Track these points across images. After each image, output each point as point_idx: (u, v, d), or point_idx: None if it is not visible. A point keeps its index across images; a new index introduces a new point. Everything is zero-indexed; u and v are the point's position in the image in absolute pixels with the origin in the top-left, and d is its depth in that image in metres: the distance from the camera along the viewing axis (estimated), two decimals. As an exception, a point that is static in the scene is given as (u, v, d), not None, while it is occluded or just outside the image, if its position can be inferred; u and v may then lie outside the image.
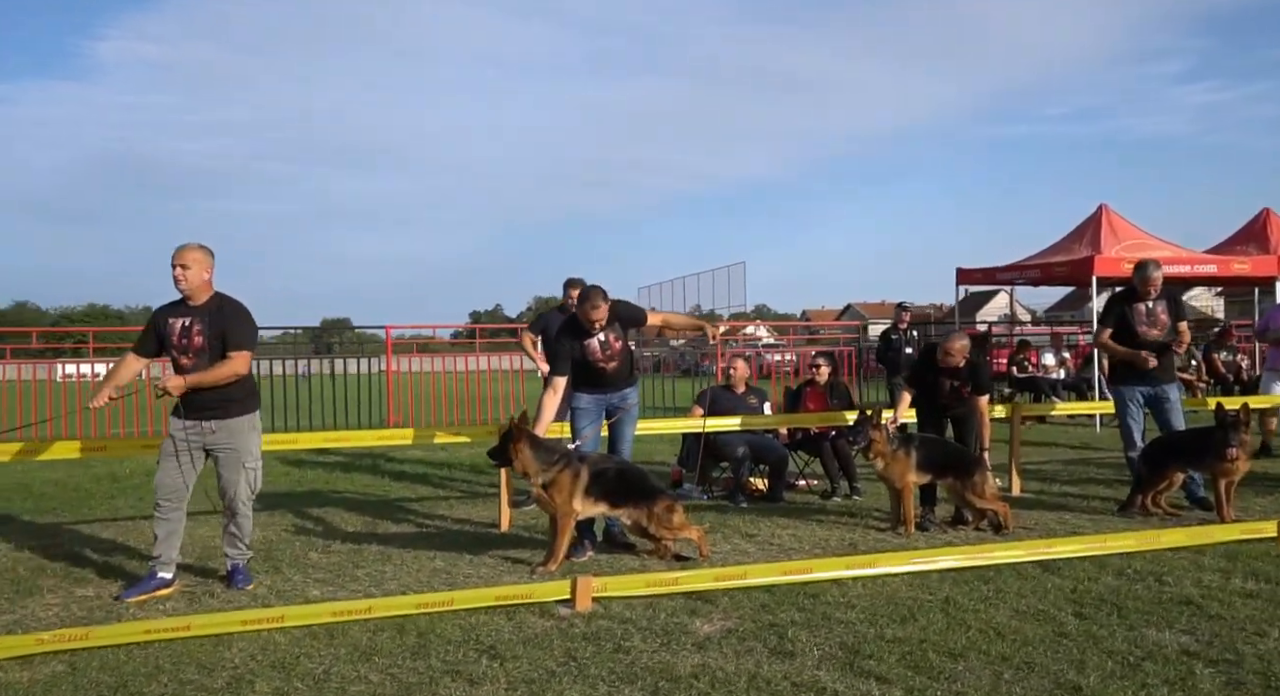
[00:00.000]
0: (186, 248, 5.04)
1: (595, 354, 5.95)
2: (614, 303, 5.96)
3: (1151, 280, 7.42)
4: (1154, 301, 7.49)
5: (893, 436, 6.73)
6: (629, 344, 6.10)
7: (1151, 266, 7.50)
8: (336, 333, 42.62)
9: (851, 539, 6.42)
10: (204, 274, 5.05)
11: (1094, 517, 7.07)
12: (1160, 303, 7.50)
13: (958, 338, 6.87)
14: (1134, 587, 4.96)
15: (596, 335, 5.91)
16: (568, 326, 6.03)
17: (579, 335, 5.93)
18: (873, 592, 4.93)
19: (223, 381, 5.04)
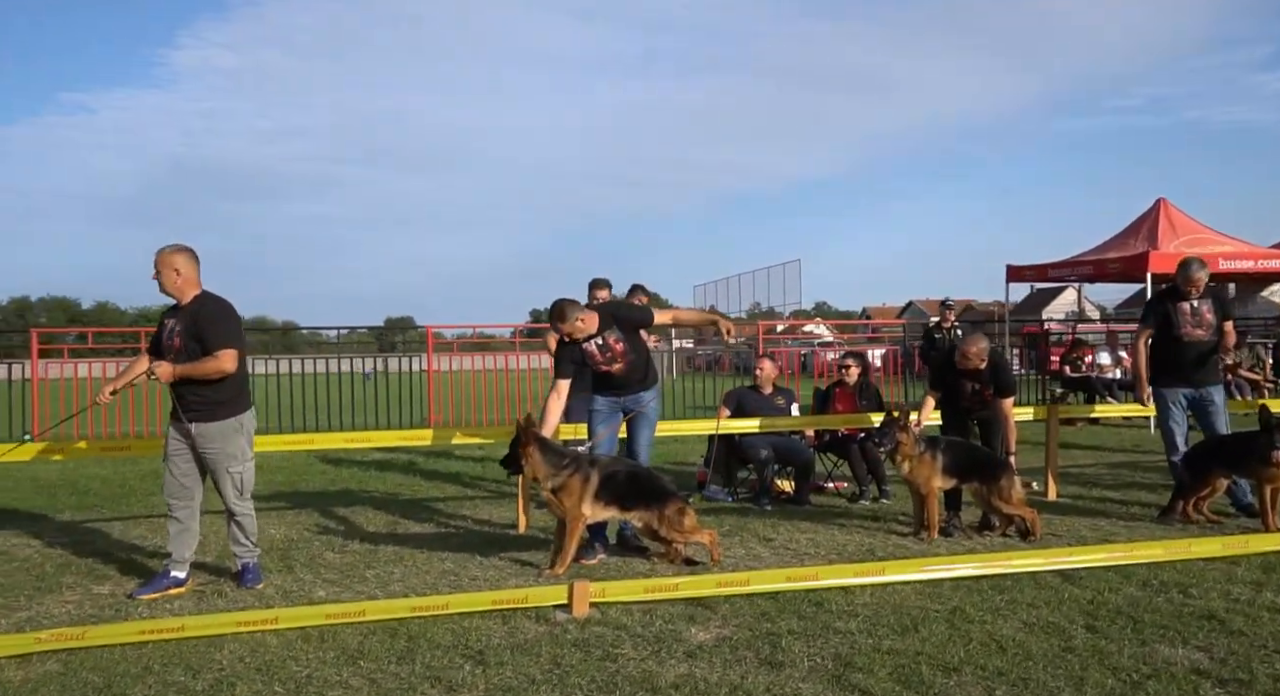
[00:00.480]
0: (159, 251, 5.12)
1: (595, 357, 5.91)
2: (610, 305, 5.91)
3: (1194, 279, 7.14)
4: (1199, 300, 7.20)
5: (919, 439, 6.58)
6: (637, 346, 6.03)
7: (1195, 265, 7.22)
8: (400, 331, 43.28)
9: (871, 544, 6.28)
10: (175, 276, 5.10)
11: (1130, 524, 6.82)
12: (1205, 301, 7.22)
13: (975, 340, 6.68)
14: (1156, 600, 4.76)
15: (594, 338, 5.87)
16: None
17: (577, 340, 5.90)
18: (880, 601, 4.81)
19: (209, 376, 5.05)
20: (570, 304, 5.84)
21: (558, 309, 5.81)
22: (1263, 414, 6.48)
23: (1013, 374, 6.82)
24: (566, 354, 5.92)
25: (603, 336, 5.88)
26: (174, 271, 5.14)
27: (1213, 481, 6.88)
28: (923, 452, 6.52)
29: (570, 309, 5.80)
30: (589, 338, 5.85)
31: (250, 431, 5.38)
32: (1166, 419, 7.32)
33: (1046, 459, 8.22)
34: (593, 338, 5.87)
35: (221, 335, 5.12)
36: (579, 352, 5.89)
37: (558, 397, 5.90)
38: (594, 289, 8.46)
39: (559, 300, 5.88)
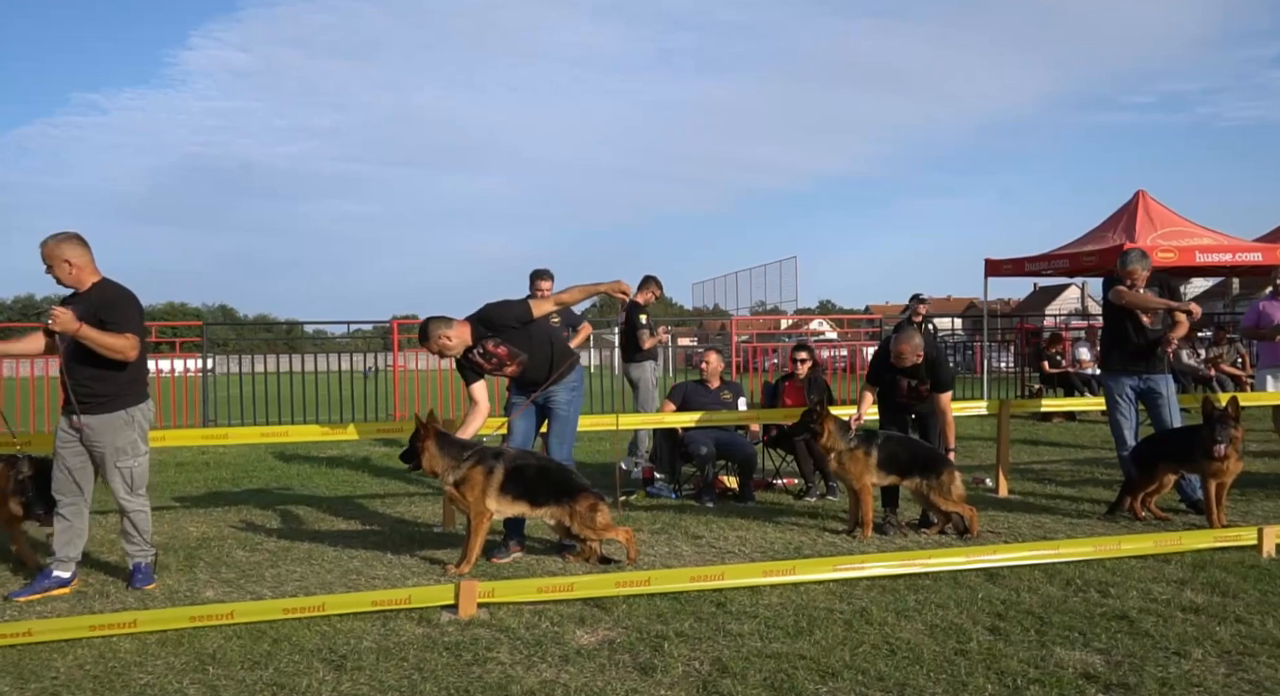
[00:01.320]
0: (44, 244, 4.85)
1: (484, 366, 5.73)
2: (478, 312, 5.67)
3: (1129, 271, 6.90)
4: (1145, 289, 6.99)
5: (852, 433, 6.38)
6: (530, 343, 5.75)
7: (1133, 256, 6.95)
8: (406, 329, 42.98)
9: (801, 542, 6.08)
10: (68, 267, 4.90)
11: (1076, 522, 6.62)
12: (1152, 290, 7.01)
13: (908, 337, 6.46)
14: (1072, 600, 4.56)
15: (474, 349, 5.66)
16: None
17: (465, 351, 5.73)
18: (787, 602, 4.61)
19: (110, 351, 4.82)
20: (434, 322, 5.63)
21: (421, 331, 5.65)
22: (1205, 406, 6.28)
23: (950, 369, 6.60)
24: (463, 365, 5.75)
25: (481, 345, 5.66)
26: (65, 263, 4.93)
27: (1160, 477, 6.68)
28: (854, 447, 6.32)
29: (433, 328, 5.59)
30: (469, 349, 5.66)
31: (144, 425, 5.17)
32: (1114, 411, 7.12)
33: (998, 455, 8.02)
34: (472, 349, 5.66)
35: (125, 321, 4.93)
36: (469, 362, 5.71)
37: (475, 406, 5.71)
38: (535, 280, 8.29)
39: (425, 320, 5.69)
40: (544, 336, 5.97)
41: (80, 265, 4.95)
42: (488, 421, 5.91)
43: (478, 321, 5.69)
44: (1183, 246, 13.61)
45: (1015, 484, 8.18)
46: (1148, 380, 6.95)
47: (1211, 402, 6.25)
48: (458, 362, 5.77)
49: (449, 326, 5.63)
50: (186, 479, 9.09)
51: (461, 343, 5.63)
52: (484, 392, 5.73)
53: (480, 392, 5.72)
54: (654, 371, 9.52)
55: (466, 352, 5.67)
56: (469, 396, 5.78)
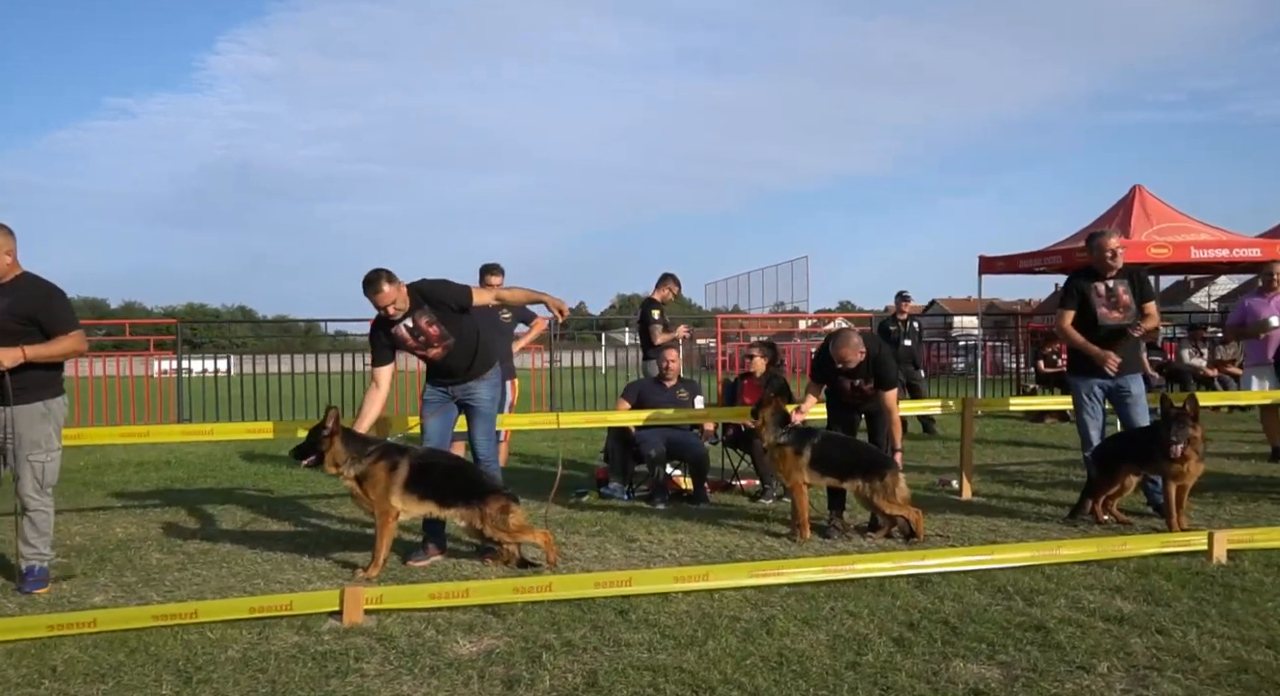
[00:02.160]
0: None
1: (407, 342, 5.46)
2: (420, 282, 5.46)
3: (1107, 249, 6.59)
4: (1115, 280, 6.68)
5: (786, 431, 6.13)
6: (460, 329, 5.56)
7: (1106, 236, 6.67)
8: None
9: (739, 545, 5.84)
10: (6, 258, 4.75)
11: (1034, 525, 6.34)
12: (1122, 281, 6.69)
13: (847, 337, 6.19)
14: (994, 608, 4.30)
15: (404, 320, 5.40)
16: (378, 316, 5.50)
17: (386, 324, 5.43)
18: (695, 609, 4.38)
19: (66, 357, 4.89)
20: (388, 273, 5.32)
21: (370, 280, 5.29)
22: (1163, 404, 5.99)
23: (894, 367, 6.33)
24: (379, 340, 5.48)
25: (412, 318, 5.40)
26: (5, 255, 4.79)
27: (1121, 478, 6.39)
28: (784, 443, 6.08)
29: (385, 278, 5.28)
30: (398, 320, 5.40)
31: (59, 420, 5.01)
32: (1081, 411, 6.82)
33: (961, 456, 7.74)
34: (401, 319, 5.40)
35: (66, 317, 4.87)
36: (390, 339, 5.46)
37: (375, 389, 5.48)
38: (485, 275, 8.06)
39: (376, 270, 5.35)
40: (474, 328, 5.77)
41: (12, 257, 4.82)
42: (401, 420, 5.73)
43: (417, 293, 5.45)
44: (1177, 242, 13.28)
45: (985, 486, 7.91)
46: (1116, 379, 6.65)
47: (1169, 401, 5.96)
48: (375, 336, 5.50)
49: (399, 284, 5.35)
50: (140, 478, 8.95)
51: (400, 308, 5.37)
52: (389, 378, 5.51)
53: (386, 377, 5.50)
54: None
55: (393, 324, 5.40)
56: (373, 380, 5.52)
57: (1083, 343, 6.68)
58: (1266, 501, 7.02)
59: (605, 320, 33.51)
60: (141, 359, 13.90)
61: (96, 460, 10.09)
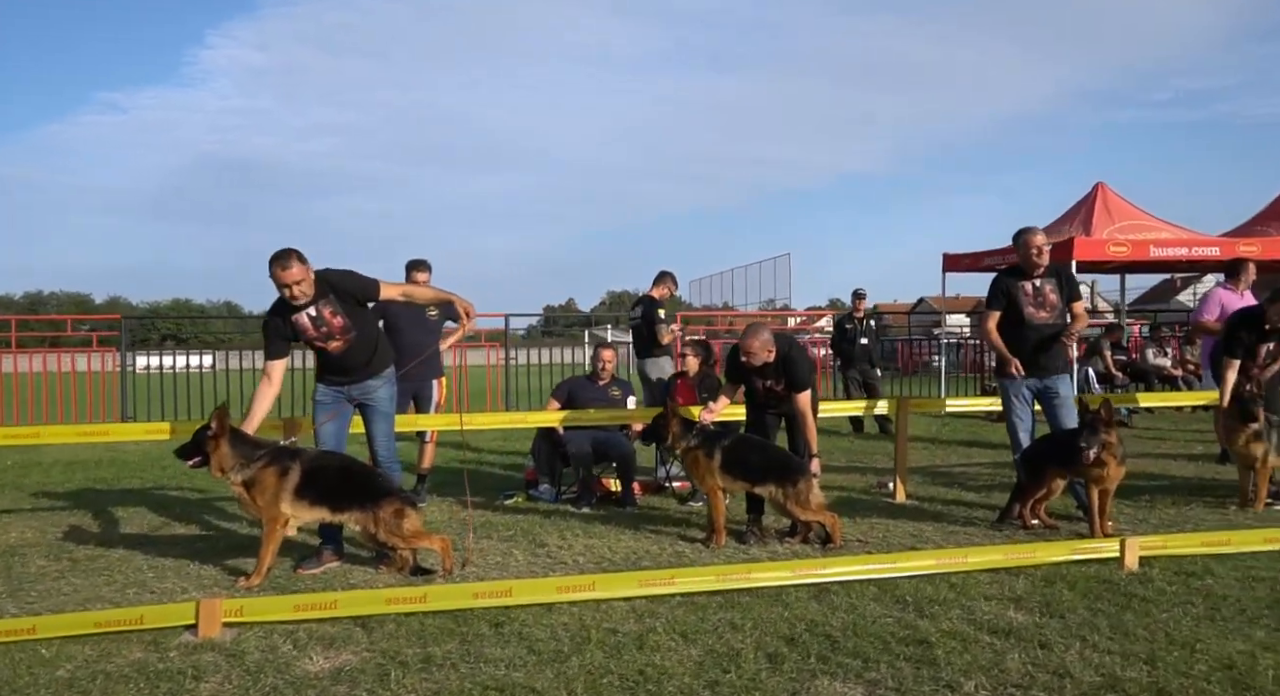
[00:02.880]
0: None
1: (308, 331, 5.21)
2: (328, 272, 5.24)
3: (1032, 246, 6.43)
4: (1041, 278, 6.52)
5: (695, 435, 5.96)
6: (362, 323, 5.35)
7: (1032, 233, 6.49)
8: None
9: (650, 552, 5.66)
10: None
11: (961, 530, 6.19)
12: (1049, 280, 6.53)
13: (755, 333, 6.01)
14: (883, 620, 4.13)
15: (306, 309, 5.17)
16: (277, 303, 5.26)
17: (286, 310, 5.18)
18: (576, 621, 4.20)
19: None
20: (296, 250, 5.08)
21: (279, 258, 5.03)
22: (1081, 408, 5.85)
23: (806, 367, 6.13)
24: (276, 329, 5.21)
25: (316, 306, 5.17)
26: None
27: (1048, 482, 6.24)
28: (694, 447, 5.91)
29: (294, 253, 5.04)
30: (301, 307, 5.15)
31: None
32: (1010, 413, 6.67)
33: (896, 458, 7.59)
34: (304, 307, 5.17)
35: None
36: (287, 326, 5.20)
37: (269, 384, 5.24)
38: (411, 271, 7.84)
39: (288, 249, 5.10)
40: (374, 324, 5.58)
41: None
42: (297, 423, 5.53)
43: (323, 281, 5.21)
44: (1136, 240, 13.14)
45: (924, 488, 7.76)
46: (1045, 381, 6.50)
47: (1085, 405, 5.82)
48: (272, 324, 5.25)
49: (309, 265, 5.11)
50: (64, 478, 8.73)
51: (305, 292, 5.12)
52: (283, 373, 5.29)
53: (280, 372, 5.27)
54: (671, 368, 9.29)
55: (295, 311, 5.15)
56: (265, 373, 5.28)
57: (999, 346, 6.56)
58: (1199, 504, 6.89)
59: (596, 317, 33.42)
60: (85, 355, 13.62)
61: (25, 459, 9.86)
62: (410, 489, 7.71)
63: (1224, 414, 6.92)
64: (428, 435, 7.75)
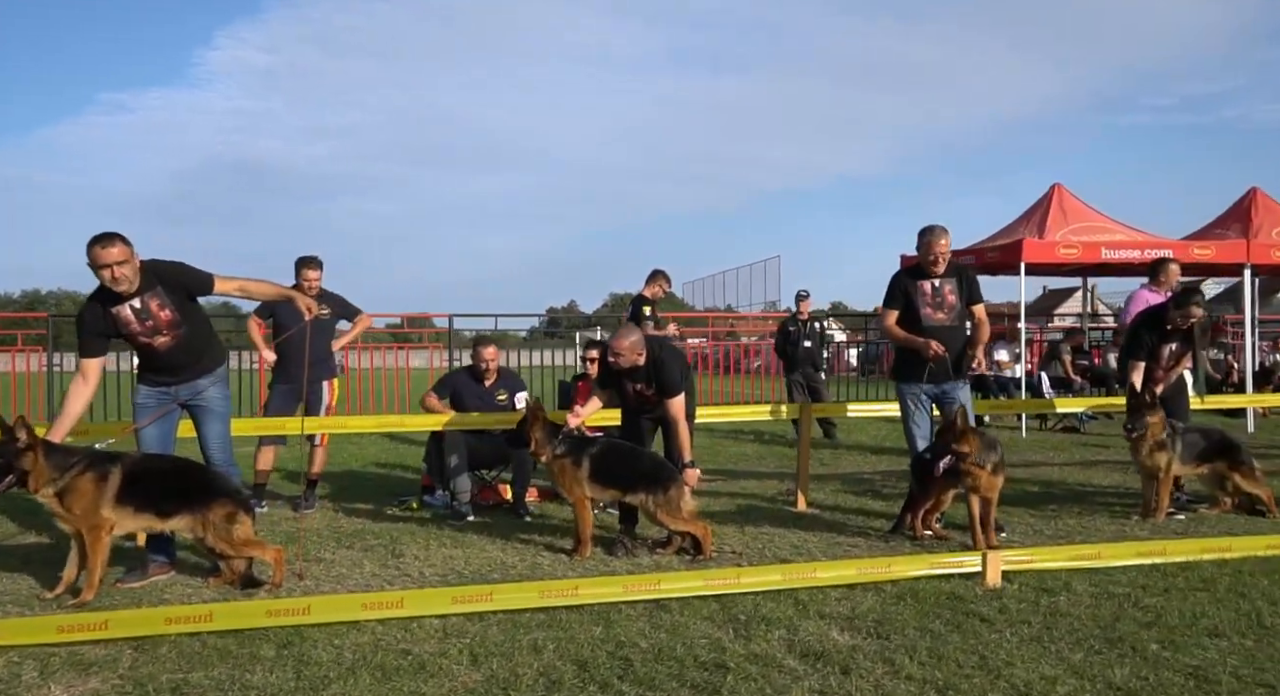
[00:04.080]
0: None
1: (131, 325, 4.87)
2: (155, 263, 4.89)
3: (934, 247, 6.14)
4: (941, 279, 6.24)
5: (562, 442, 5.68)
6: (193, 318, 5.04)
7: (935, 233, 6.20)
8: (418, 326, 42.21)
9: (508, 564, 5.38)
10: None
11: (852, 542, 5.92)
12: (949, 280, 6.25)
13: (624, 334, 5.74)
14: (701, 642, 3.87)
15: (130, 301, 4.83)
16: (97, 294, 4.88)
17: (108, 301, 4.82)
18: (373, 642, 3.92)
19: None
20: (116, 236, 4.69)
21: (98, 234, 4.66)
22: (944, 414, 5.63)
23: (678, 371, 5.84)
24: (93, 323, 4.85)
25: (141, 298, 4.84)
26: None
27: (937, 492, 5.97)
28: (560, 455, 5.63)
29: (120, 235, 4.67)
30: (124, 298, 4.81)
31: None
32: (906, 420, 6.39)
33: (798, 465, 7.31)
34: (129, 299, 4.82)
35: None
36: (108, 320, 4.83)
37: (82, 384, 4.87)
38: (301, 267, 7.55)
39: (112, 232, 4.73)
40: (207, 322, 5.29)
41: None
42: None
43: (150, 271, 4.86)
44: (1087, 242, 12.84)
45: (834, 496, 7.48)
46: (943, 385, 6.23)
47: (944, 416, 5.57)
48: (88, 318, 4.88)
49: (134, 251, 4.75)
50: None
51: (129, 278, 4.75)
52: (99, 374, 4.98)
53: (96, 372, 4.92)
54: None
55: (117, 303, 4.81)
56: (79, 372, 4.92)
57: (906, 337, 6.27)
58: (1105, 514, 6.62)
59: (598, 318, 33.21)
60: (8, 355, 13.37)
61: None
62: (299, 495, 7.49)
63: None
64: (317, 439, 7.46)
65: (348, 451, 10.44)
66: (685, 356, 6.34)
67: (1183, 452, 6.32)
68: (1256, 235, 13.76)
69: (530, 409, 5.82)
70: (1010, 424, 12.69)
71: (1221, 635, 3.80)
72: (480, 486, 7.32)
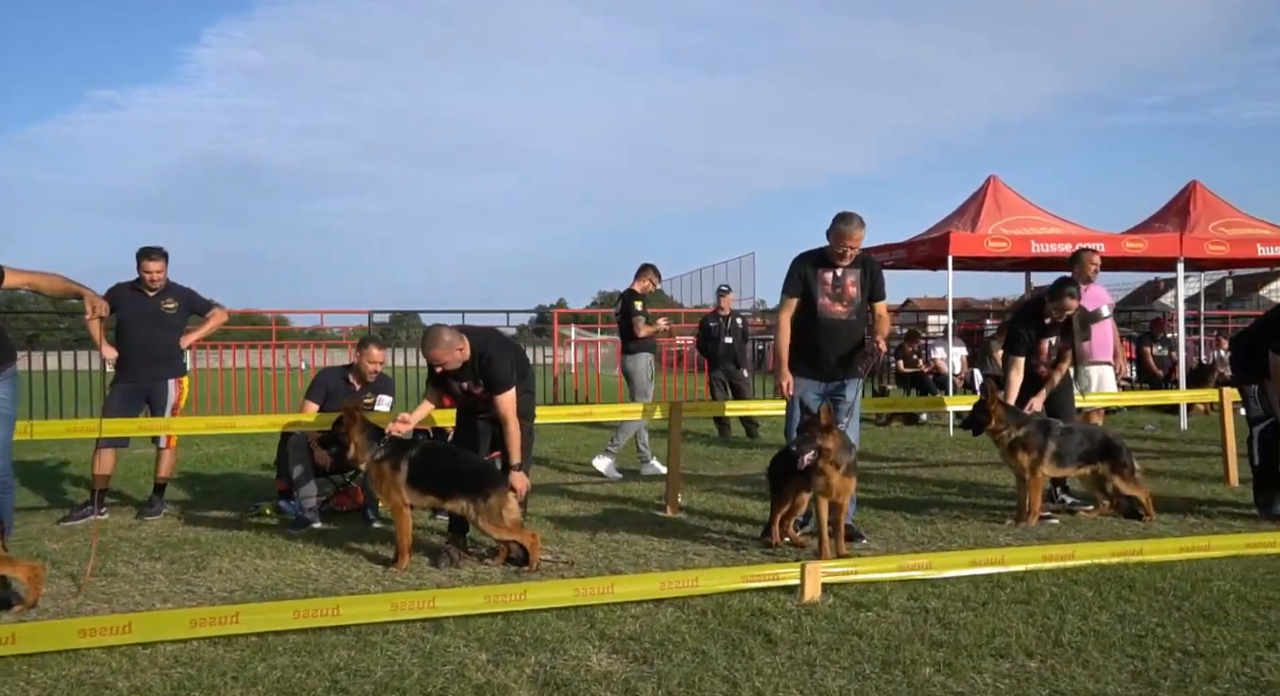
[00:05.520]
0: None
1: None
2: None
3: (847, 238, 5.65)
4: (845, 269, 5.78)
5: (383, 445, 5.28)
6: None
7: (852, 221, 5.65)
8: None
9: (315, 576, 4.98)
10: None
11: (702, 550, 5.53)
12: (853, 271, 5.79)
13: (434, 341, 5.27)
14: (445, 668, 3.48)
15: None
16: None
17: None
18: (82, 672, 3.51)
19: None
20: None
21: None
22: (802, 414, 5.23)
23: (507, 366, 5.44)
24: None
25: None
26: None
27: (792, 496, 5.59)
28: (379, 459, 5.23)
29: None
30: None
31: None
32: (789, 419, 5.93)
33: (669, 469, 6.92)
34: None
35: None
36: None
37: None
38: (142, 259, 7.11)
39: None
40: None
41: None
42: None
43: None
44: (1017, 236, 12.51)
45: (716, 501, 7.08)
46: (834, 384, 5.81)
47: (810, 410, 5.19)
48: None
49: None
50: None
51: None
52: None
53: None
54: (650, 363, 8.86)
55: None
56: None
57: (780, 349, 5.86)
58: (982, 517, 6.26)
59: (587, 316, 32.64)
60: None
61: None
62: (146, 500, 7.06)
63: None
64: (162, 441, 7.03)
65: (229, 452, 10.02)
66: (518, 350, 5.92)
67: (1059, 453, 5.95)
68: (1193, 229, 13.48)
69: (346, 409, 5.41)
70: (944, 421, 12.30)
71: (1008, 656, 3.43)
72: (336, 491, 6.91)
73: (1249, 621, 3.78)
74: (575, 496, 7.39)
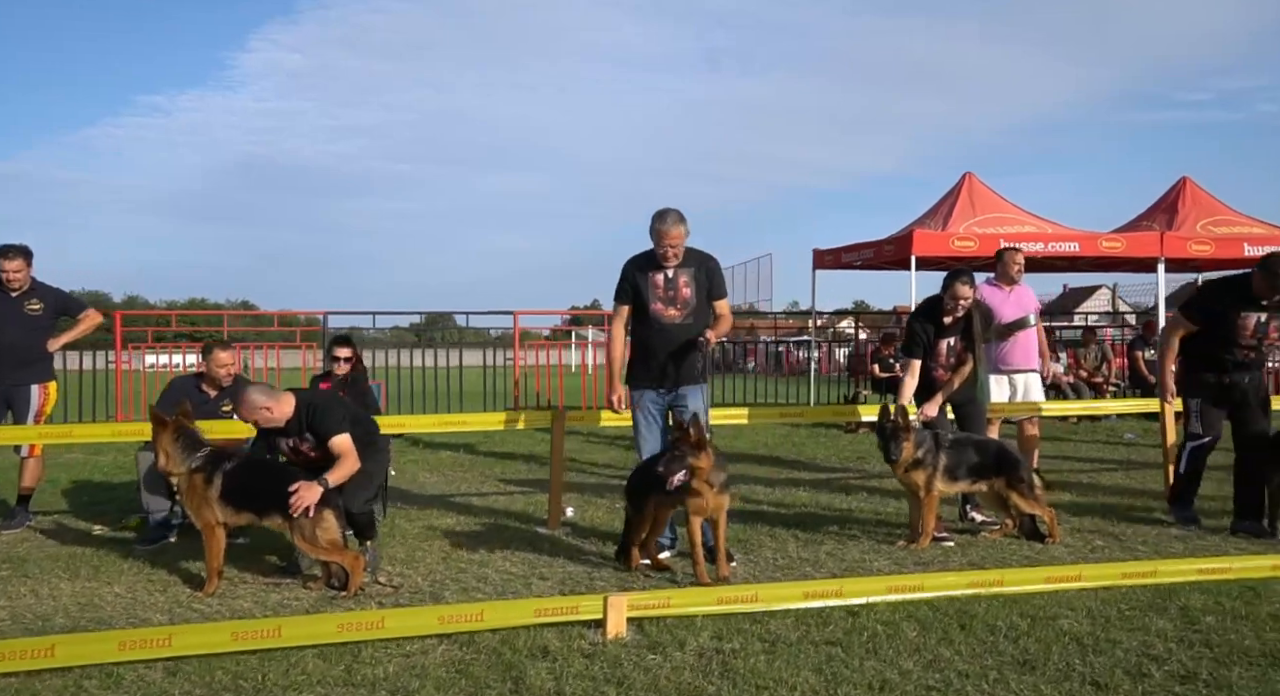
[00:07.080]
0: None
1: None
2: None
3: (664, 238, 5.23)
4: (676, 270, 5.34)
5: (200, 456, 4.86)
6: None
7: (667, 219, 5.22)
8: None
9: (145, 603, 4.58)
10: None
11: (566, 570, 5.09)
12: (686, 270, 5.35)
13: (245, 395, 4.92)
14: None
15: None
16: None
17: None
18: None
19: None
20: None
21: None
22: (676, 421, 4.83)
23: (335, 415, 4.87)
24: None
25: None
26: None
27: (652, 513, 5.11)
28: (194, 470, 4.83)
29: None
30: None
31: None
32: (635, 432, 5.49)
33: (551, 481, 6.46)
34: None
35: None
36: None
37: None
38: (4, 258, 6.75)
39: None
40: None
41: None
42: None
43: None
44: (985, 234, 11.93)
45: (606, 514, 6.59)
46: (676, 392, 5.35)
47: (680, 424, 4.74)
48: None
49: None
50: None
51: None
52: None
53: None
54: None
55: None
56: None
57: (611, 360, 5.51)
58: (877, 538, 5.74)
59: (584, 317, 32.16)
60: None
61: None
62: (9, 511, 6.70)
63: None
64: (24, 449, 6.66)
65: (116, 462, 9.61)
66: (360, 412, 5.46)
67: (949, 467, 5.43)
68: (1179, 227, 12.84)
69: (155, 415, 4.99)
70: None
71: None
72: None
73: (1063, 671, 3.26)
74: (462, 509, 6.95)
